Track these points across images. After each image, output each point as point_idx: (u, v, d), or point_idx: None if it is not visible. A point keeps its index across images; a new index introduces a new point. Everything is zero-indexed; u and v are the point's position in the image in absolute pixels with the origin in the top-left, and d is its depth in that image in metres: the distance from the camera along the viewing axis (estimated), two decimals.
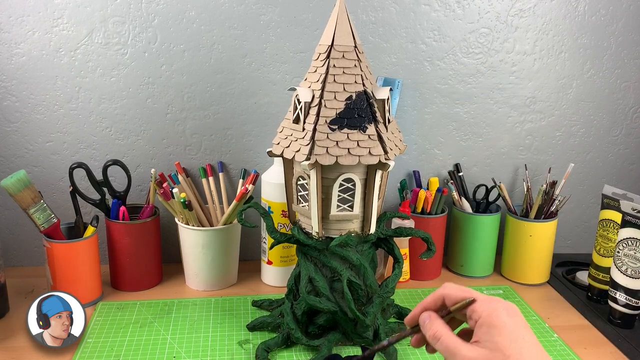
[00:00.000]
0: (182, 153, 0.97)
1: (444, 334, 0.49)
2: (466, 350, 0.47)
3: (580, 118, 1.05)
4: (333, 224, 0.72)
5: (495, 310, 0.47)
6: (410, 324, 0.53)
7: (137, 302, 0.86)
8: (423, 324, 0.51)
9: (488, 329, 0.46)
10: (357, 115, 0.67)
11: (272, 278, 0.94)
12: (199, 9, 0.90)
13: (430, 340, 0.50)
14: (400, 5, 0.94)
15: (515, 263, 0.98)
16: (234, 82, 0.94)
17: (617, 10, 1.00)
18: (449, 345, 0.48)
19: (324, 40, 0.70)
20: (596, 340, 0.80)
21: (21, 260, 0.98)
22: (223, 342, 0.76)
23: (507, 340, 0.45)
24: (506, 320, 0.46)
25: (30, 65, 0.89)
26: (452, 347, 0.48)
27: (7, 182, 0.77)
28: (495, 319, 0.46)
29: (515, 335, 0.46)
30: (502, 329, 0.46)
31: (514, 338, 0.46)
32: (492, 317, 0.46)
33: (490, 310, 0.47)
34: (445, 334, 0.49)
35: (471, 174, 1.05)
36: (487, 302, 0.48)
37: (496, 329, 0.46)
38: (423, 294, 0.92)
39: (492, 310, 0.47)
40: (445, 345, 0.48)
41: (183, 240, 0.90)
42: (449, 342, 0.48)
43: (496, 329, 0.46)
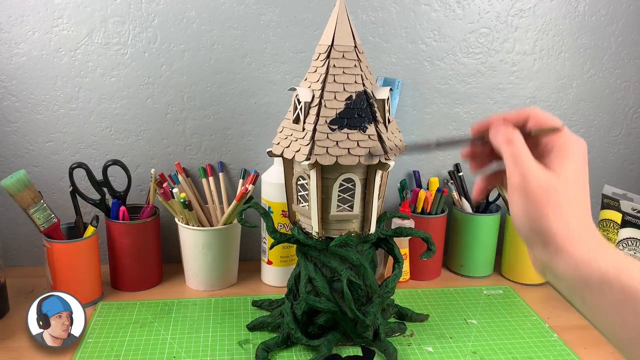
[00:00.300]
0: (182, 153, 0.97)
1: (519, 141, 0.46)
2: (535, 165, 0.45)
3: (580, 118, 1.05)
4: (333, 224, 0.72)
5: (579, 148, 0.45)
6: (477, 131, 0.49)
7: (137, 302, 0.86)
8: (497, 127, 0.47)
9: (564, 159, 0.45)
10: (357, 115, 0.67)
11: (272, 278, 0.94)
12: (199, 9, 0.90)
13: (502, 141, 0.46)
14: (400, 5, 0.94)
15: (515, 263, 0.98)
16: (234, 82, 0.94)
17: (617, 10, 1.00)
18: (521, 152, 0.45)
19: (324, 40, 0.70)
20: (596, 340, 0.80)
21: (21, 260, 0.98)
22: (223, 342, 0.76)
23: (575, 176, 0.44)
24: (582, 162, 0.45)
25: (30, 65, 0.89)
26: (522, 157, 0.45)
27: (7, 182, 0.77)
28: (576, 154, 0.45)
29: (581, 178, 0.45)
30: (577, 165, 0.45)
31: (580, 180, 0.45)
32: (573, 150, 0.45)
33: (574, 144, 0.45)
34: (520, 141, 0.46)
35: (471, 174, 1.05)
36: (573, 137, 0.46)
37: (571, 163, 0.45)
38: (423, 294, 0.92)
39: (575, 146, 0.45)
40: (517, 151, 0.45)
41: (183, 240, 0.90)
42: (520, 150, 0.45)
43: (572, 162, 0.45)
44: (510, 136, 0.46)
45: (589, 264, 0.41)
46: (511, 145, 0.46)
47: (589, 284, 0.41)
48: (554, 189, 0.43)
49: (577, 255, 0.42)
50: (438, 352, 0.75)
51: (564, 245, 0.43)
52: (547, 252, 0.44)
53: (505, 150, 0.46)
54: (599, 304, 0.41)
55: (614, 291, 0.40)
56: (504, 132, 0.47)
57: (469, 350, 0.76)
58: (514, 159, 0.45)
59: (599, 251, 0.42)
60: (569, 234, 0.43)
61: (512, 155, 0.45)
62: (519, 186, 0.44)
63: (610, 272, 0.40)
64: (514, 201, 0.45)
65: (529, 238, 0.45)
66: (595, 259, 0.41)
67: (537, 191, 0.44)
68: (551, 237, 0.43)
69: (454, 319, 0.84)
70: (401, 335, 0.79)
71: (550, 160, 0.45)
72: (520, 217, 0.45)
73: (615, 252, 0.42)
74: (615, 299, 0.40)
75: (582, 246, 0.42)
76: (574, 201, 0.44)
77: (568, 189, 0.43)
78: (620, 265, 0.40)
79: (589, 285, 0.41)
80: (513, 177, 0.45)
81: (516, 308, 0.88)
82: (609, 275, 0.40)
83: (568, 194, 0.43)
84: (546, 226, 0.43)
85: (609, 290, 0.40)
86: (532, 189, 0.44)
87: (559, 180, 0.44)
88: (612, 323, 0.41)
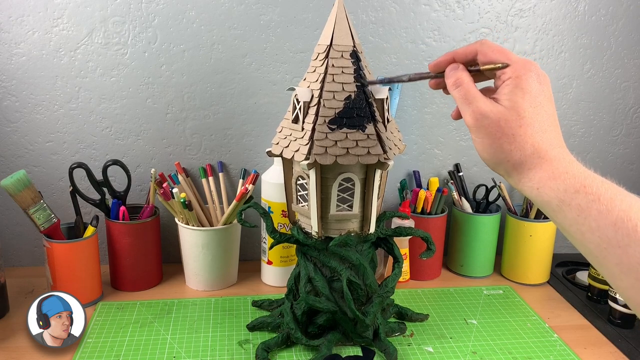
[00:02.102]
0: (182, 153, 0.97)
1: (466, 82, 0.49)
2: (483, 102, 0.47)
3: (580, 118, 1.05)
4: (332, 224, 0.72)
5: (527, 74, 0.47)
6: (434, 69, 0.53)
7: (137, 302, 0.86)
8: (448, 71, 0.51)
9: (512, 90, 0.46)
10: (356, 115, 0.67)
11: (272, 278, 0.94)
12: (199, 9, 0.90)
13: (450, 86, 0.50)
14: (400, 5, 0.94)
15: (515, 263, 0.97)
16: (234, 82, 0.94)
17: (617, 10, 0.99)
18: (468, 93, 0.48)
19: (323, 40, 0.70)
20: (596, 340, 0.80)
21: (21, 260, 0.98)
22: (223, 342, 0.76)
23: (526, 104, 0.46)
24: (534, 85, 0.46)
25: (30, 65, 0.89)
26: (471, 95, 0.48)
27: (7, 182, 0.77)
28: (524, 82, 0.46)
29: (537, 102, 0.46)
30: (527, 92, 0.46)
31: (535, 103, 0.46)
32: (521, 79, 0.46)
33: (521, 72, 0.47)
34: (467, 82, 0.49)
35: (471, 174, 1.05)
36: (521, 64, 0.47)
37: (520, 91, 0.46)
38: (423, 294, 0.92)
39: (523, 72, 0.47)
40: (464, 93, 0.48)
41: (183, 240, 0.90)
42: (468, 90, 0.48)
43: (521, 91, 0.46)
44: (458, 78, 0.49)
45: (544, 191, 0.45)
46: (459, 88, 0.49)
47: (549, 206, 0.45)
48: (505, 122, 0.46)
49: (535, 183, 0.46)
50: (438, 352, 0.75)
51: (522, 174, 0.47)
52: (511, 179, 0.48)
53: (455, 94, 0.50)
54: (560, 222, 0.45)
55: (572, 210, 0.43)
56: (452, 75, 0.50)
57: (469, 350, 0.76)
58: (464, 100, 0.48)
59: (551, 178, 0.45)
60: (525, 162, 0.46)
61: (461, 98, 0.49)
62: (474, 125, 0.48)
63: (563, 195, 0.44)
64: (474, 139, 0.49)
65: (494, 169, 0.49)
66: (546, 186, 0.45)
67: (490, 128, 0.47)
68: (510, 167, 0.47)
69: (453, 319, 0.84)
70: (401, 335, 0.79)
71: (502, 92, 0.47)
72: (482, 153, 0.49)
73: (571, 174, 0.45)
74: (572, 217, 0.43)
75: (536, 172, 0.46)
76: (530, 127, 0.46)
77: (520, 117, 0.46)
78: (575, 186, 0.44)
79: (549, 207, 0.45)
80: (466, 118, 0.49)
81: (516, 308, 0.88)
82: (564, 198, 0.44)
83: (521, 122, 0.46)
84: (505, 158, 0.47)
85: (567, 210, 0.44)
86: (485, 126, 0.47)
87: (509, 112, 0.46)
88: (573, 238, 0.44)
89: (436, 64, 0.52)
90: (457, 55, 0.51)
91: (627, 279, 0.41)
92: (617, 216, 0.41)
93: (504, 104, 0.46)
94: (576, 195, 0.43)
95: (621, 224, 0.40)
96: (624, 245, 0.40)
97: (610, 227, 0.41)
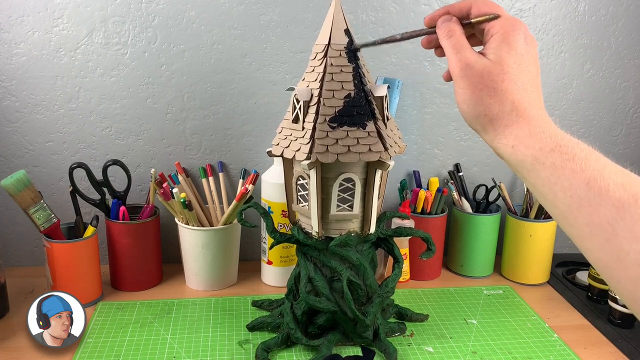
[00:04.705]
0: (182, 153, 0.97)
1: (457, 33, 0.49)
2: (470, 52, 0.48)
3: (580, 118, 1.05)
4: (333, 224, 0.72)
5: (514, 31, 0.47)
6: (428, 24, 0.53)
7: (137, 302, 0.86)
8: (440, 22, 0.51)
9: (499, 44, 0.47)
10: (357, 113, 0.67)
11: (272, 278, 0.94)
12: (199, 9, 0.90)
13: (441, 36, 0.50)
14: (400, 5, 0.94)
15: (515, 263, 0.97)
16: (234, 82, 0.94)
17: (617, 10, 1.00)
18: (458, 42, 0.49)
19: (321, 39, 0.70)
20: (596, 340, 0.80)
21: (21, 260, 0.98)
22: (223, 342, 0.76)
23: (511, 60, 0.46)
24: (520, 43, 0.47)
25: (30, 65, 0.89)
26: (459, 46, 0.48)
27: (7, 182, 0.77)
28: (511, 37, 0.47)
29: (522, 59, 0.46)
30: (513, 49, 0.46)
31: (520, 61, 0.46)
32: (509, 34, 0.47)
33: (509, 28, 0.47)
34: (458, 33, 0.49)
35: (471, 174, 1.05)
36: (510, 21, 0.48)
37: (507, 46, 0.47)
38: (423, 294, 0.92)
39: (511, 29, 0.47)
40: (454, 42, 0.49)
41: (183, 240, 0.90)
42: (458, 40, 0.49)
43: (507, 46, 0.47)
44: (450, 29, 0.50)
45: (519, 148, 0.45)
46: (450, 38, 0.49)
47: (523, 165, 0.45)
48: (488, 74, 0.46)
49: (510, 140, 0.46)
50: (438, 352, 0.75)
51: (498, 130, 0.47)
52: (486, 135, 0.48)
53: (445, 43, 0.50)
54: (533, 182, 0.45)
55: (546, 168, 0.43)
56: (445, 26, 0.50)
57: (468, 350, 0.76)
58: (453, 50, 0.49)
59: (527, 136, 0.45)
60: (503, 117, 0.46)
61: (451, 47, 0.49)
62: (458, 75, 0.48)
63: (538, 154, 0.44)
64: (456, 89, 0.49)
65: (472, 123, 0.49)
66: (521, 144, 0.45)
67: (473, 78, 0.47)
68: (487, 121, 0.47)
69: (453, 319, 0.84)
70: (401, 335, 0.79)
71: (490, 46, 0.48)
72: (462, 104, 0.49)
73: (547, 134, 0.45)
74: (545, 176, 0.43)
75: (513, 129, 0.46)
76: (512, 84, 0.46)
77: (504, 72, 0.46)
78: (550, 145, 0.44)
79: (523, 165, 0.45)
80: (452, 67, 0.49)
81: (516, 308, 0.88)
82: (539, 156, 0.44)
83: (504, 77, 0.46)
84: (483, 112, 0.47)
85: (541, 168, 0.43)
86: (468, 75, 0.47)
87: (493, 65, 0.46)
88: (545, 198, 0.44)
89: (431, 18, 0.53)
90: (452, 8, 0.52)
91: (596, 240, 0.40)
92: (590, 175, 0.41)
93: (490, 57, 0.47)
94: (551, 154, 0.43)
95: (594, 183, 0.40)
96: (595, 204, 0.40)
97: (583, 186, 0.41)
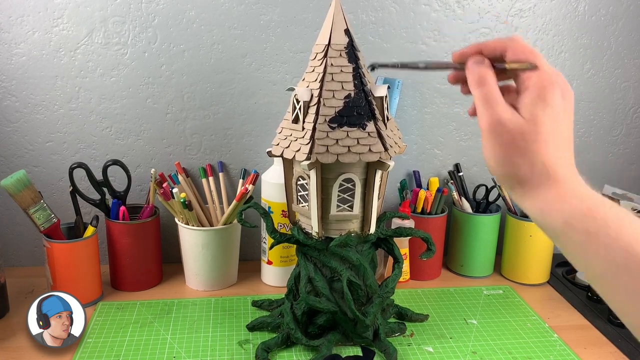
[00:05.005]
0: (182, 153, 0.97)
1: (490, 82, 0.45)
2: (503, 108, 0.44)
3: (580, 118, 1.05)
4: (333, 224, 0.72)
5: (552, 85, 0.44)
6: (458, 60, 0.49)
7: (137, 302, 0.86)
8: (471, 64, 0.47)
9: (535, 100, 0.44)
10: (357, 113, 0.67)
11: (272, 278, 0.94)
12: (199, 9, 0.90)
13: (471, 83, 0.46)
14: (400, 5, 0.94)
15: (515, 263, 0.97)
16: (234, 82, 0.94)
17: (617, 10, 0.99)
18: (490, 95, 0.45)
19: (321, 39, 0.70)
20: (596, 340, 0.80)
21: (21, 260, 0.98)
22: (223, 342, 0.76)
23: (546, 118, 0.43)
24: (557, 100, 0.44)
25: (30, 65, 0.89)
26: (493, 98, 0.44)
27: (7, 182, 0.77)
28: (548, 94, 0.44)
29: (557, 117, 0.44)
30: (549, 106, 0.43)
31: (555, 119, 0.43)
32: (546, 90, 0.44)
33: (547, 82, 0.44)
34: (491, 82, 0.45)
35: (471, 174, 1.05)
36: (548, 74, 0.45)
37: (542, 103, 0.43)
38: (423, 294, 0.92)
39: (549, 84, 0.44)
40: (486, 94, 0.45)
41: (183, 240, 0.90)
42: (491, 92, 0.45)
43: (543, 103, 0.43)
44: (482, 76, 0.45)
45: (548, 212, 0.43)
46: (482, 88, 0.45)
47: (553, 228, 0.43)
48: (521, 135, 0.43)
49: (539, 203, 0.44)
50: (438, 352, 0.75)
51: (527, 191, 0.44)
52: (514, 194, 0.46)
53: (476, 93, 0.46)
54: (563, 245, 0.43)
55: (578, 233, 0.41)
56: (476, 71, 0.46)
57: (468, 350, 0.76)
58: (485, 102, 0.45)
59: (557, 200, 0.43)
60: (533, 179, 0.44)
61: (482, 98, 0.45)
62: (487, 130, 0.45)
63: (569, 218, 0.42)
64: (485, 144, 0.46)
65: (499, 180, 0.47)
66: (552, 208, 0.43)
67: (504, 136, 0.44)
68: (515, 182, 0.45)
69: (453, 319, 0.84)
70: (401, 335, 0.79)
71: (524, 101, 0.44)
72: (489, 160, 0.46)
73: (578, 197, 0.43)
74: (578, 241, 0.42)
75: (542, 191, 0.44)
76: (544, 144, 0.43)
77: (537, 132, 0.43)
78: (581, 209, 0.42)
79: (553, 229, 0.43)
80: (482, 121, 0.45)
81: (516, 308, 0.88)
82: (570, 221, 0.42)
83: (537, 137, 0.43)
84: (512, 172, 0.45)
85: (573, 233, 0.42)
86: (499, 133, 0.44)
87: (527, 124, 0.43)
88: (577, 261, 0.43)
89: (461, 54, 0.48)
90: (485, 47, 0.47)
91: (632, 306, 0.39)
92: (627, 242, 0.39)
93: (524, 114, 0.44)
94: (583, 219, 0.41)
95: (631, 250, 0.39)
96: (634, 272, 0.39)
97: (620, 254, 0.39)
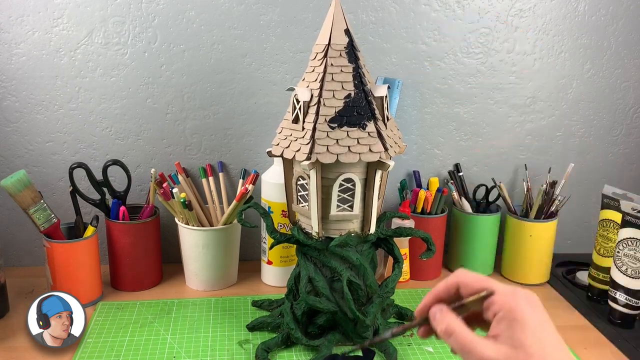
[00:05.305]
0: (182, 153, 0.97)
1: (457, 330, 0.44)
2: (483, 347, 0.43)
3: (580, 118, 1.05)
4: (333, 224, 0.72)
5: (518, 304, 0.43)
6: (420, 314, 0.49)
7: (137, 302, 0.86)
8: (433, 318, 0.46)
9: (510, 324, 0.42)
10: (357, 113, 0.68)
11: (272, 278, 0.94)
12: (199, 9, 0.90)
13: (441, 335, 0.46)
14: (400, 5, 0.94)
15: (515, 263, 0.97)
16: (234, 82, 0.94)
17: (617, 10, 1.00)
18: (464, 342, 0.44)
19: (321, 39, 0.70)
20: (596, 340, 0.80)
21: (21, 260, 0.98)
22: (223, 342, 0.76)
23: (530, 337, 0.42)
24: (530, 314, 0.42)
25: (30, 65, 0.89)
26: (468, 343, 0.43)
27: (7, 182, 0.77)
28: (519, 313, 0.42)
29: (539, 331, 0.42)
30: (526, 324, 0.42)
31: (538, 335, 0.42)
32: (515, 311, 0.42)
33: (511, 303, 0.43)
34: (458, 329, 0.44)
35: (471, 174, 1.05)
36: (508, 294, 0.44)
37: (519, 324, 0.42)
38: (423, 294, 0.92)
39: (514, 304, 0.43)
40: (460, 342, 0.44)
41: (183, 240, 0.90)
42: (463, 338, 0.44)
43: (519, 324, 0.42)
44: (447, 326, 0.45)
45: None
46: (453, 336, 0.44)
47: None
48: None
49: None
50: (438, 352, 0.75)
51: None
52: None
53: (450, 342, 0.45)
54: None
55: None
56: (440, 322, 0.45)
57: None
58: (462, 349, 0.44)
59: None
60: None
61: (457, 347, 0.44)
62: None
63: None
64: None
65: None
66: None
67: None
68: None
69: None
70: (401, 335, 0.79)
71: (500, 329, 0.43)
72: None
73: None
74: None
75: None
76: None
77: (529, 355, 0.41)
78: None
79: None
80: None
81: None
82: None
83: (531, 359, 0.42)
84: None
85: None
86: None
87: (516, 353, 0.42)
88: None
89: (420, 310, 0.48)
90: (438, 293, 0.47)
91: None
92: None
93: (507, 342, 0.42)
94: None
95: None
96: None
97: None
